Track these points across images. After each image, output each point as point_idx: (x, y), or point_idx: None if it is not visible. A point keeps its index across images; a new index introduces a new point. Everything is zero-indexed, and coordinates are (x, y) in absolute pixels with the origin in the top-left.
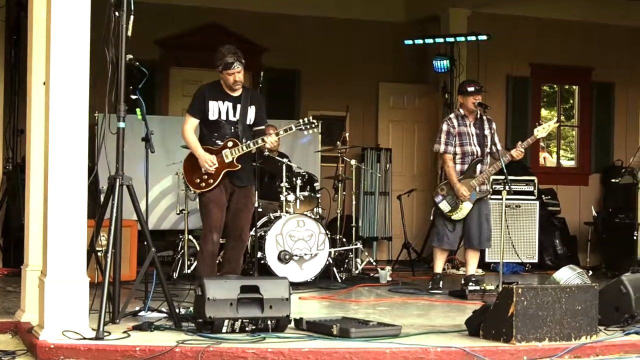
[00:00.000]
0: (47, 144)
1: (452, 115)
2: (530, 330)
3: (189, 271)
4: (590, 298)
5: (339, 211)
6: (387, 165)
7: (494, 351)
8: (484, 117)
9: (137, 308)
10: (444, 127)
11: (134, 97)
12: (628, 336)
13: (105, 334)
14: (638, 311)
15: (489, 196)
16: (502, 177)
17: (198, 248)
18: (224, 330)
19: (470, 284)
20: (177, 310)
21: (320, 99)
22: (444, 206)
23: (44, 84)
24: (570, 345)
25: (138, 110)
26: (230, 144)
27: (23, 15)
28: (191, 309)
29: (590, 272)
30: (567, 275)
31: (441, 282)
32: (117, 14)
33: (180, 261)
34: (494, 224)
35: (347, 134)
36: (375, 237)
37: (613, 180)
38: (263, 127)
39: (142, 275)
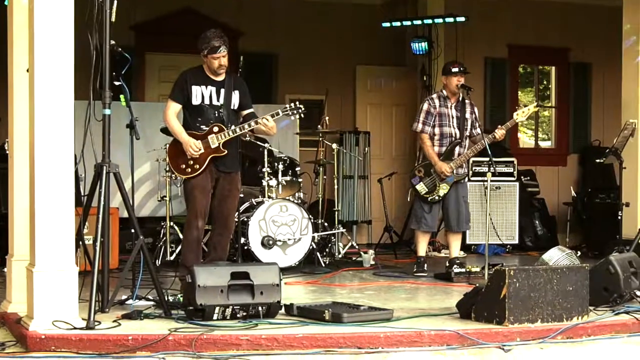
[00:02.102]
0: (32, 132)
1: (434, 95)
2: (522, 311)
3: (172, 258)
4: (581, 278)
5: (320, 195)
6: (366, 149)
7: (487, 333)
8: (466, 101)
9: (125, 296)
10: (425, 106)
11: (117, 83)
12: (618, 316)
13: (96, 323)
14: (626, 291)
15: (466, 179)
16: (486, 158)
17: (180, 235)
18: (214, 317)
19: (455, 266)
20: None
21: (298, 83)
22: (421, 188)
23: (27, 71)
24: (562, 326)
25: (122, 96)
26: (215, 129)
27: None
28: (178, 296)
29: (579, 253)
30: (556, 256)
31: (425, 265)
32: None
33: (163, 248)
34: (476, 205)
35: (327, 118)
36: (355, 221)
37: (597, 160)
38: (252, 110)
39: (130, 264)
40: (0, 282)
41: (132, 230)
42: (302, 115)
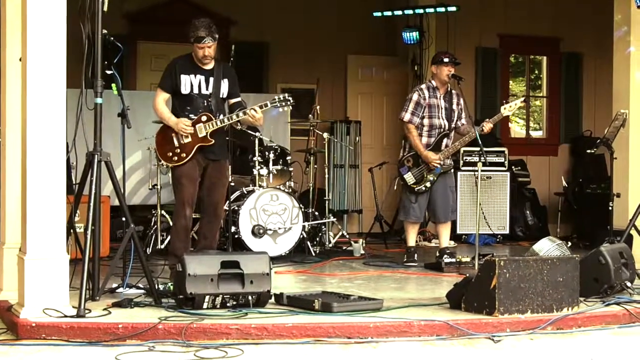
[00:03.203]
0: (24, 120)
1: (423, 86)
2: (512, 302)
3: (162, 246)
4: (572, 269)
5: (310, 184)
6: (357, 138)
7: (477, 324)
8: (454, 92)
9: (115, 285)
10: (414, 96)
11: (109, 72)
12: (609, 307)
13: (86, 311)
14: (617, 282)
15: (452, 170)
16: (477, 148)
17: (171, 223)
18: (204, 306)
19: (445, 256)
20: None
21: (289, 72)
22: (409, 178)
23: (20, 60)
24: (552, 317)
25: (114, 85)
26: (204, 118)
27: None
28: (169, 284)
29: (570, 243)
30: (547, 246)
31: (416, 255)
32: None
33: (153, 236)
34: (466, 195)
35: (318, 107)
36: (346, 210)
37: (588, 150)
38: (239, 99)
39: (121, 252)
40: None
41: (123, 219)
42: (291, 107)
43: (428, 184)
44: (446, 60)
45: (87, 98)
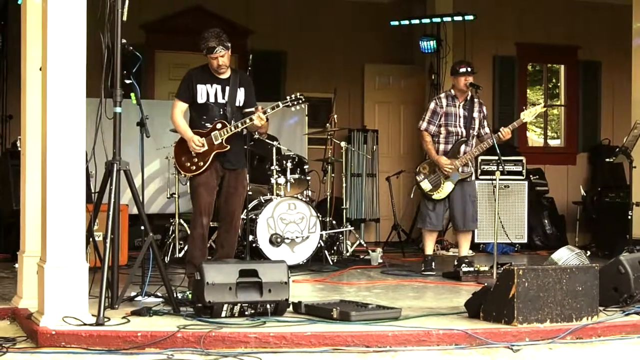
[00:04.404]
0: (44, 130)
1: (442, 95)
2: (531, 311)
3: (180, 255)
4: (591, 278)
5: (328, 193)
6: (374, 147)
7: (496, 333)
8: (475, 100)
9: (134, 293)
10: (432, 105)
11: (128, 81)
12: (628, 317)
13: (105, 319)
14: (637, 291)
15: (472, 177)
16: (495, 157)
17: (189, 232)
18: (223, 314)
19: (464, 265)
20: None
21: (306, 81)
22: (425, 185)
23: (40, 69)
24: (571, 327)
25: (133, 94)
26: (219, 125)
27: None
28: (187, 293)
29: (589, 253)
30: (566, 255)
31: (433, 264)
32: None
33: (172, 245)
34: (485, 204)
35: (335, 116)
36: (363, 219)
37: (607, 159)
38: (253, 108)
39: (140, 261)
40: (12, 277)
41: (142, 227)
42: (303, 106)
43: (446, 191)
44: (462, 70)
45: (106, 107)
